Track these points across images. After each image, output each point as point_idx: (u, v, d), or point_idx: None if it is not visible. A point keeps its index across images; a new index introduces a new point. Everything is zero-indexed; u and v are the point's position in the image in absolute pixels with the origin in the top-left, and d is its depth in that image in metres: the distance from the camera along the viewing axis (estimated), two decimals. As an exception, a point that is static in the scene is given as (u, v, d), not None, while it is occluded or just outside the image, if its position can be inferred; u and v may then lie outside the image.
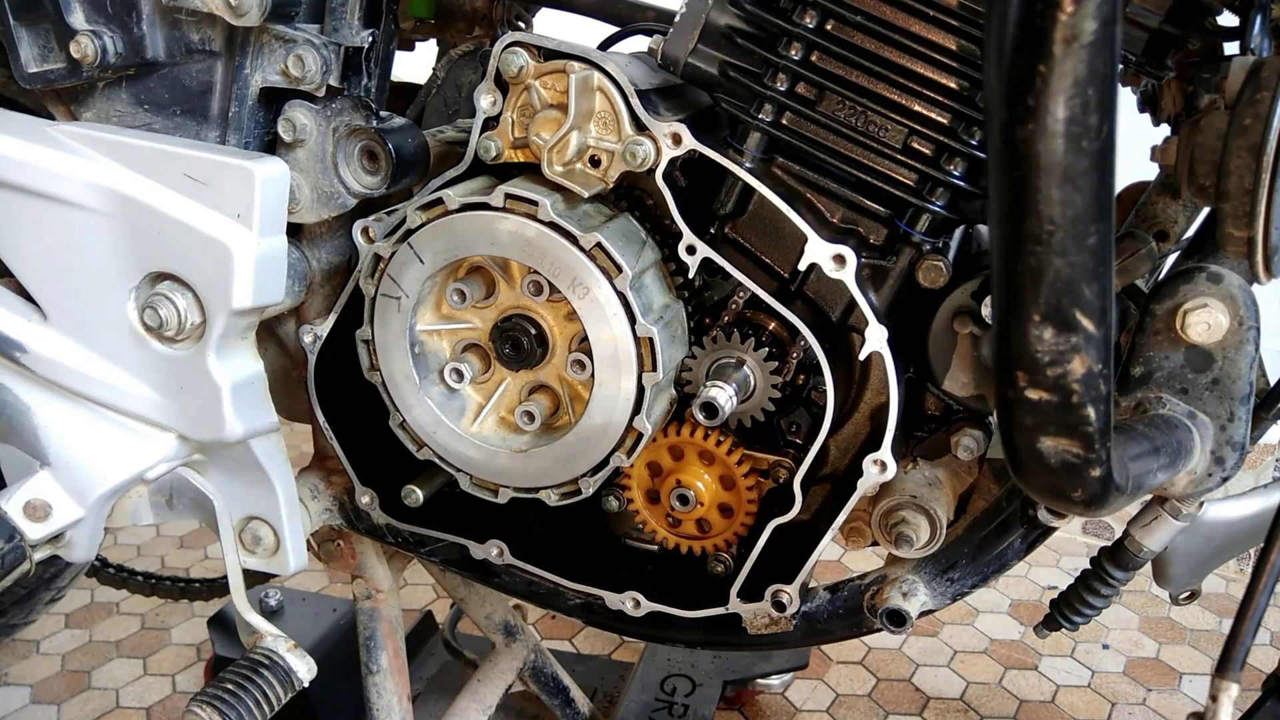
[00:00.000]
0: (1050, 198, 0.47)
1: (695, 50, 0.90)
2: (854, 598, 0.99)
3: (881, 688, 2.05)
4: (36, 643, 2.16)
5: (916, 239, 0.86)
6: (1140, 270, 0.96)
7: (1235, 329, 0.80)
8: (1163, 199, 1.06)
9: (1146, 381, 0.83)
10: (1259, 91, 0.68)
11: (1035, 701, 2.03)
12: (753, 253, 0.91)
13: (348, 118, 0.90)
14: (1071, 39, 0.42)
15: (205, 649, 2.10)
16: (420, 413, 0.94)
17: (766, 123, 0.85)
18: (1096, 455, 0.58)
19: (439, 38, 1.38)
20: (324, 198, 0.93)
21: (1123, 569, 0.95)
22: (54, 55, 0.91)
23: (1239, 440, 0.82)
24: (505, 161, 0.88)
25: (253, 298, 0.89)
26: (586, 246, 0.83)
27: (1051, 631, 1.06)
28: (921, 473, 0.93)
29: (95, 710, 1.97)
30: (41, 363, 0.97)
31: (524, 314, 0.90)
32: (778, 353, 0.90)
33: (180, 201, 0.88)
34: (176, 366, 0.93)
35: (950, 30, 0.80)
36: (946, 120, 0.82)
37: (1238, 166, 0.68)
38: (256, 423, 0.96)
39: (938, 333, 0.89)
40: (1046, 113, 0.45)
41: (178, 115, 0.93)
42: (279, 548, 1.02)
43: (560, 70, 0.84)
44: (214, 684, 0.96)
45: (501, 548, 1.01)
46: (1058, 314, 0.51)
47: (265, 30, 0.88)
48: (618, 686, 1.80)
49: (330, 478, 1.11)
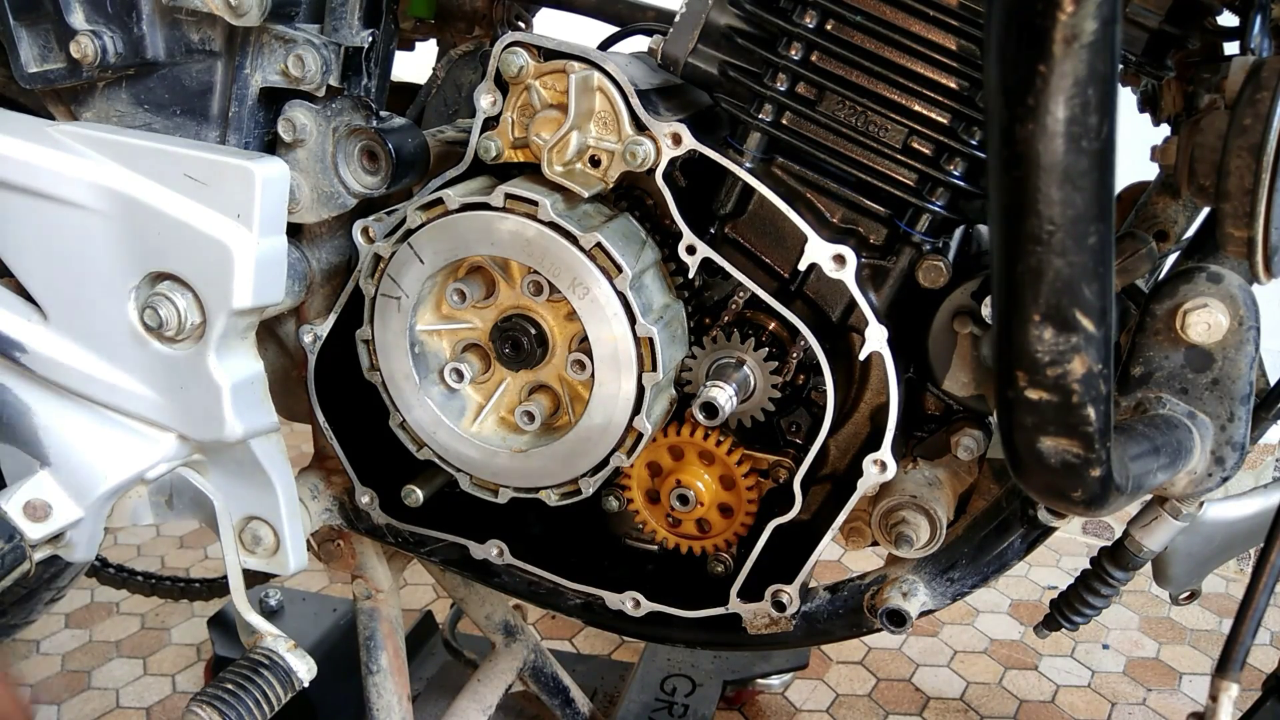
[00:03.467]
0: (1050, 198, 0.47)
1: (695, 50, 0.90)
2: (854, 598, 0.99)
3: (881, 688, 2.05)
4: (36, 643, 2.16)
5: (916, 239, 0.86)
6: (1140, 270, 0.96)
7: (1235, 329, 0.80)
8: (1163, 199, 1.06)
9: (1146, 381, 0.83)
10: (1259, 91, 0.68)
11: (1035, 701, 2.03)
12: (753, 253, 0.91)
13: (348, 118, 0.90)
14: (1071, 39, 0.42)
15: (205, 649, 2.10)
16: (420, 413, 0.94)
17: (766, 123, 0.85)
18: (1096, 455, 0.58)
19: (439, 38, 1.38)
20: (324, 198, 0.93)
21: (1123, 569, 0.95)
22: (54, 55, 0.91)
23: (1239, 440, 0.82)
24: (505, 161, 0.88)
25: (253, 298, 0.89)
26: (586, 246, 0.83)
27: (1051, 631, 1.06)
28: (921, 473, 0.93)
29: (95, 710, 1.97)
30: (41, 363, 0.97)
31: (524, 314, 0.90)
32: (778, 353, 0.90)
33: (180, 201, 0.88)
34: (176, 366, 0.93)
35: (950, 30, 0.80)
36: (946, 120, 0.82)
37: (1238, 166, 0.68)
38: (256, 423, 0.96)
39: (938, 333, 0.89)
40: (1046, 113, 0.45)
41: (178, 115, 0.93)
42: (279, 548, 1.02)
43: (560, 70, 0.84)
44: (214, 684, 0.96)
45: (501, 548, 1.01)
46: (1058, 314, 0.51)
47: (265, 30, 0.88)
48: (618, 686, 1.80)
49: (330, 478, 1.11)
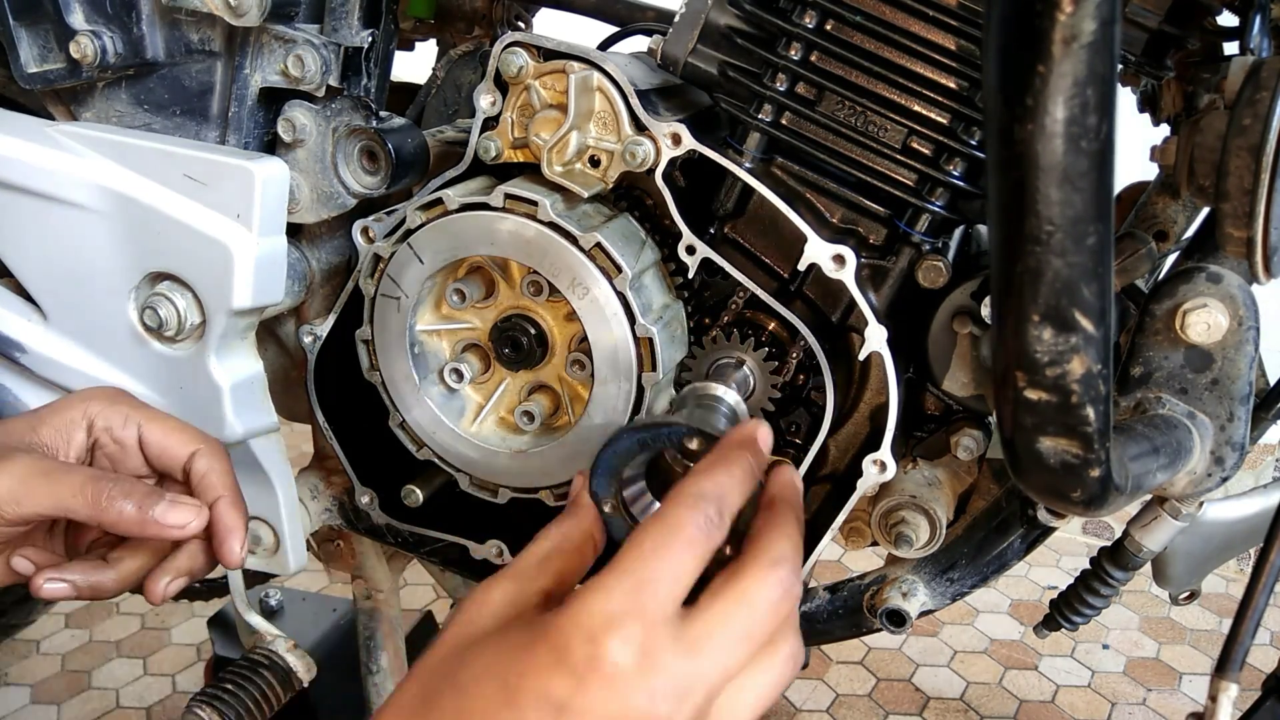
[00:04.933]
0: (1049, 198, 0.47)
1: (695, 50, 0.90)
2: (854, 598, 0.99)
3: (881, 688, 2.05)
4: (36, 643, 2.16)
5: (916, 239, 0.86)
6: (1140, 270, 0.96)
7: (1235, 329, 0.80)
8: (1162, 199, 1.06)
9: (1146, 381, 0.83)
10: (1258, 91, 0.68)
11: (1035, 701, 2.03)
12: (752, 253, 0.91)
13: (347, 118, 0.90)
14: (1071, 39, 0.42)
15: (205, 649, 2.10)
16: (420, 413, 0.94)
17: (766, 123, 0.85)
18: (1096, 455, 0.58)
19: (439, 38, 1.38)
20: (324, 198, 0.93)
21: (1122, 569, 0.95)
22: (54, 55, 0.91)
23: (1238, 440, 0.82)
24: (505, 161, 0.88)
25: (252, 298, 0.89)
26: (586, 247, 0.83)
27: (1051, 631, 1.06)
28: (921, 473, 0.93)
29: (95, 710, 1.97)
30: (41, 363, 0.97)
31: (524, 314, 0.90)
32: (777, 353, 0.90)
33: (180, 201, 0.88)
34: (176, 367, 0.93)
35: (950, 30, 0.80)
36: (946, 120, 0.82)
37: (1237, 166, 0.68)
38: (256, 423, 0.96)
39: (937, 333, 0.89)
40: (1045, 113, 0.45)
41: (177, 115, 0.93)
42: (279, 548, 1.02)
43: (560, 70, 0.84)
44: (214, 684, 0.96)
45: (501, 548, 1.01)
46: (1057, 314, 0.51)
47: (265, 30, 0.88)
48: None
49: (330, 478, 1.11)
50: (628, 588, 0.53)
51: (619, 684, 0.51)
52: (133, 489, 0.72)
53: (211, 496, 0.77)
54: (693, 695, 0.54)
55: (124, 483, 0.73)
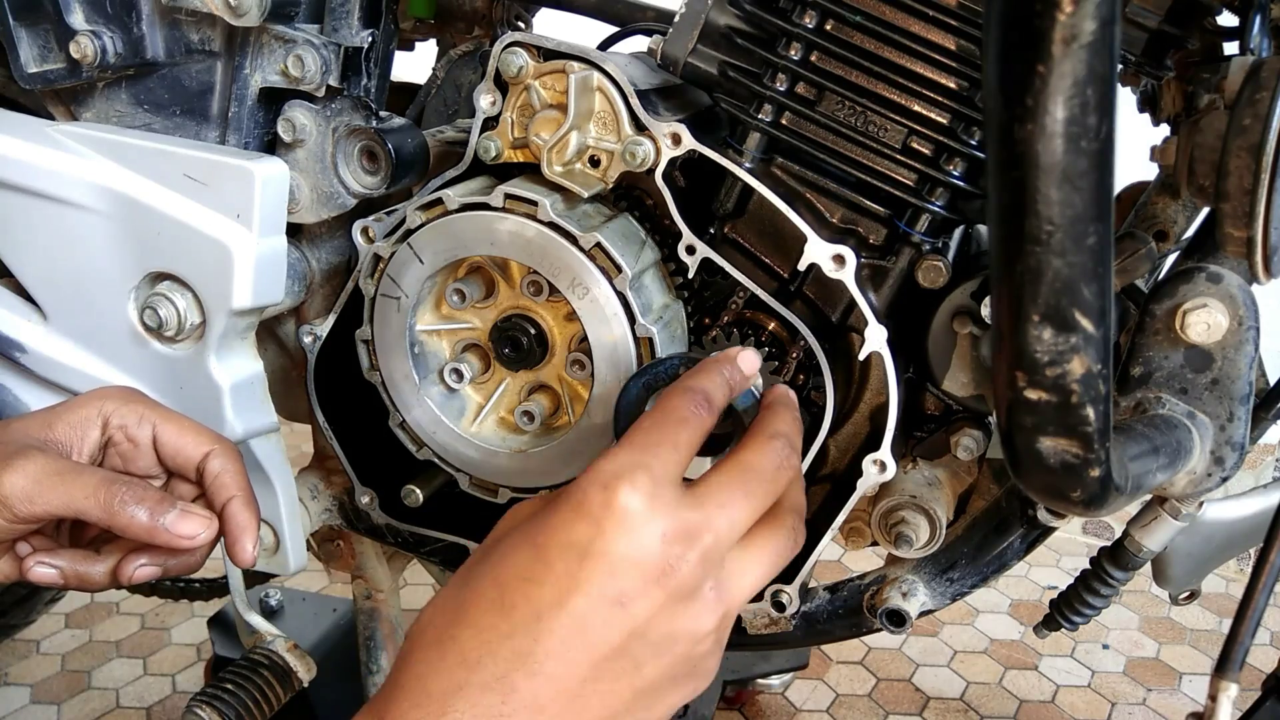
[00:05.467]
0: (1049, 198, 0.47)
1: (695, 50, 0.90)
2: (854, 598, 0.99)
3: (881, 688, 2.05)
4: (36, 643, 2.16)
5: (916, 239, 0.85)
6: (1140, 270, 0.96)
7: (1235, 329, 0.80)
8: (1162, 199, 1.06)
9: (1146, 381, 0.83)
10: (1258, 91, 0.68)
11: (1035, 701, 2.03)
12: (752, 253, 0.91)
13: (347, 118, 0.90)
14: (1070, 39, 0.42)
15: (205, 649, 2.10)
16: (420, 413, 0.94)
17: (766, 123, 0.85)
18: (1096, 455, 0.58)
19: (439, 38, 1.38)
20: (324, 198, 0.93)
21: (1122, 569, 0.95)
22: (54, 55, 0.91)
23: (1238, 440, 0.82)
24: (505, 161, 0.88)
25: (252, 298, 0.89)
26: (586, 247, 0.83)
27: (1051, 631, 1.06)
28: (921, 473, 0.93)
29: (95, 710, 1.97)
30: (41, 363, 0.97)
31: (523, 314, 0.90)
32: (777, 353, 0.90)
33: (180, 201, 0.88)
34: (176, 367, 0.93)
35: (950, 30, 0.80)
36: (946, 120, 0.82)
37: (1237, 166, 0.68)
38: (256, 423, 0.96)
39: (937, 333, 0.89)
40: (1045, 113, 0.45)
41: (177, 115, 0.93)
42: (279, 548, 1.02)
43: (560, 70, 0.84)
44: (214, 684, 0.96)
45: (501, 548, 1.01)
46: (1057, 314, 0.51)
47: (265, 30, 0.88)
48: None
49: (330, 478, 1.11)
50: (634, 450, 0.61)
51: (632, 524, 0.58)
52: (145, 494, 0.72)
53: (225, 496, 0.77)
54: (700, 540, 0.60)
55: (137, 487, 0.73)
